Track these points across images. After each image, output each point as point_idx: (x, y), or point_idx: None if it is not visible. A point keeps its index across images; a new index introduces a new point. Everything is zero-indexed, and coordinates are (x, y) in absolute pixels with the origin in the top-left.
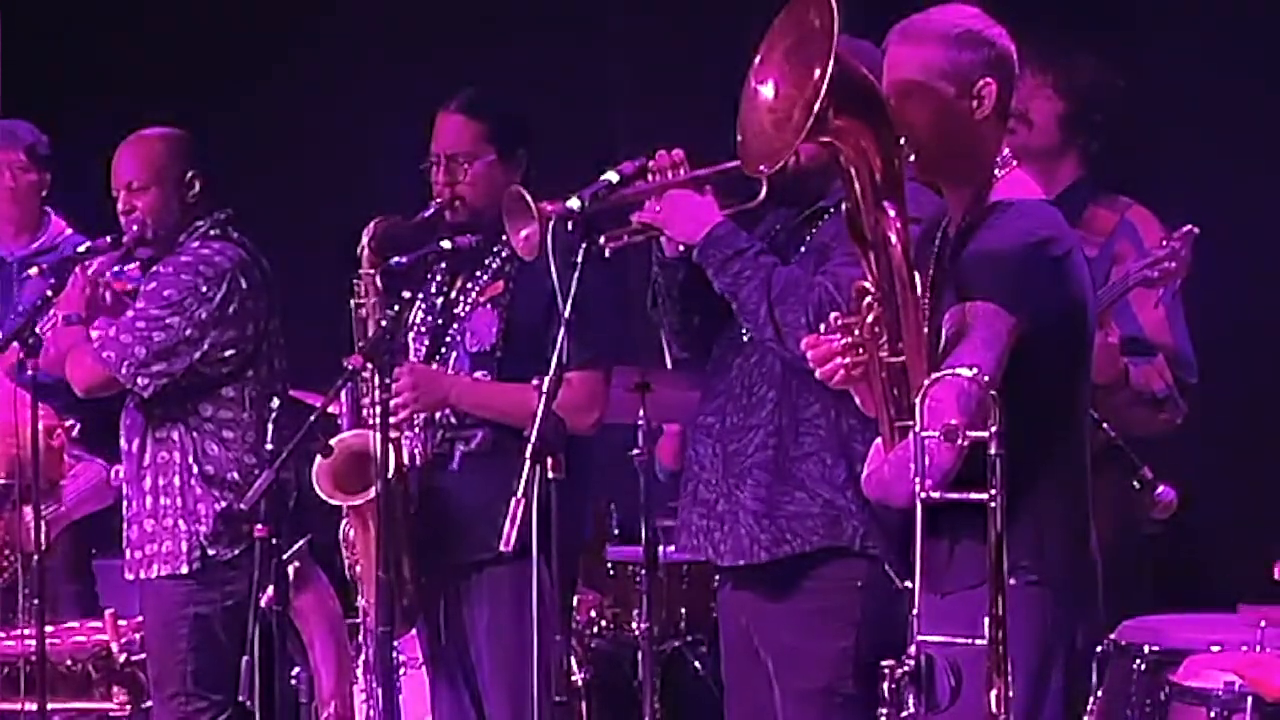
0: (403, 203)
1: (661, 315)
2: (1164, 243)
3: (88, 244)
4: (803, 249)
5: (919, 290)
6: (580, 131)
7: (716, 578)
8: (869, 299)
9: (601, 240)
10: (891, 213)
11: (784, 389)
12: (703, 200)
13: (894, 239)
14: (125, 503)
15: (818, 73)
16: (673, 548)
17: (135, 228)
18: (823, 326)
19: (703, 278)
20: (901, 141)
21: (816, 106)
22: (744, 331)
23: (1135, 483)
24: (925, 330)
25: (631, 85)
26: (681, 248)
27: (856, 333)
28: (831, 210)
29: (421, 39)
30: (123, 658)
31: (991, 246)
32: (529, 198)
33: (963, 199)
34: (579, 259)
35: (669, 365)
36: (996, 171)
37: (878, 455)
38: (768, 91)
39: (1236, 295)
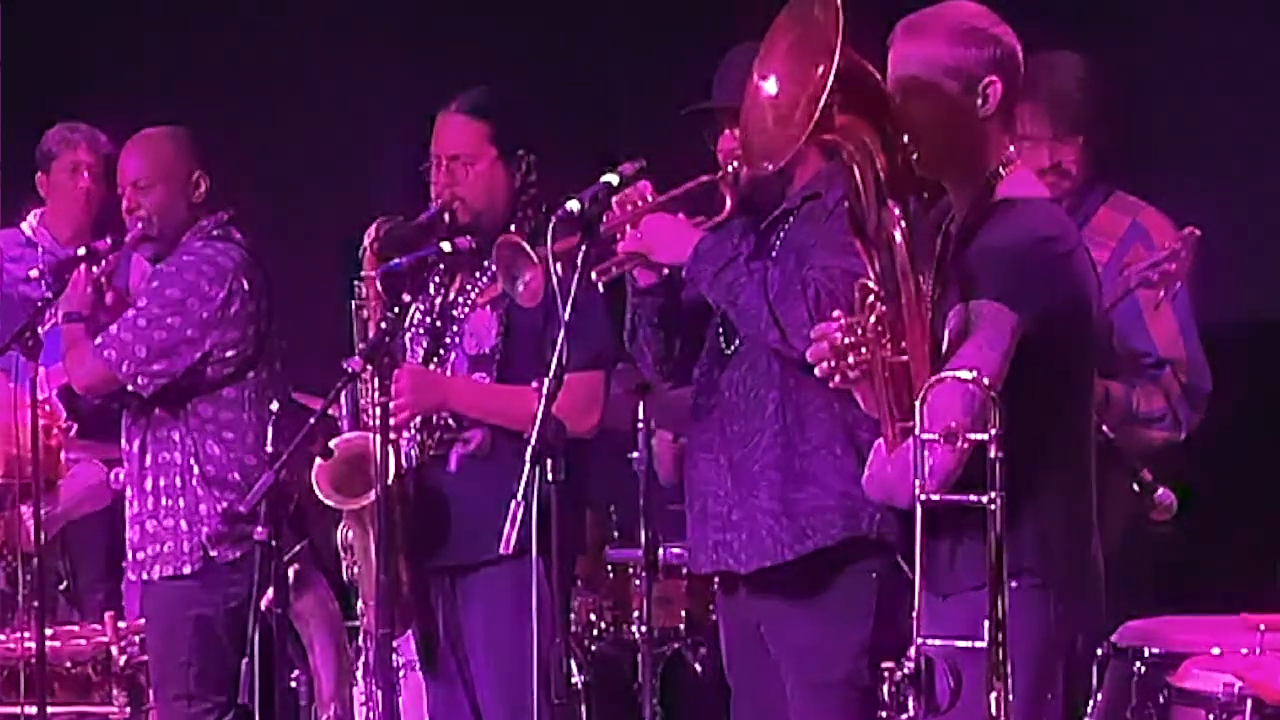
0: (404, 204)
1: (644, 345)
2: (1164, 244)
3: (85, 245)
4: (773, 254)
5: (923, 289)
6: (581, 132)
7: (716, 583)
8: (871, 298)
9: (593, 275)
10: (896, 211)
11: (784, 388)
12: (678, 220)
13: (898, 237)
14: (126, 504)
15: (821, 69)
16: (677, 550)
17: (140, 225)
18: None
19: (678, 302)
20: (905, 139)
21: (821, 103)
22: (723, 346)
23: (1135, 485)
24: (928, 329)
25: (633, 85)
26: (667, 270)
27: (860, 332)
28: (795, 211)
29: (422, 39)
30: (123, 660)
31: (995, 244)
32: (527, 246)
33: (966, 197)
34: (579, 260)
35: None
36: (1001, 170)
37: (879, 456)
38: (770, 87)
39: (1237, 296)
